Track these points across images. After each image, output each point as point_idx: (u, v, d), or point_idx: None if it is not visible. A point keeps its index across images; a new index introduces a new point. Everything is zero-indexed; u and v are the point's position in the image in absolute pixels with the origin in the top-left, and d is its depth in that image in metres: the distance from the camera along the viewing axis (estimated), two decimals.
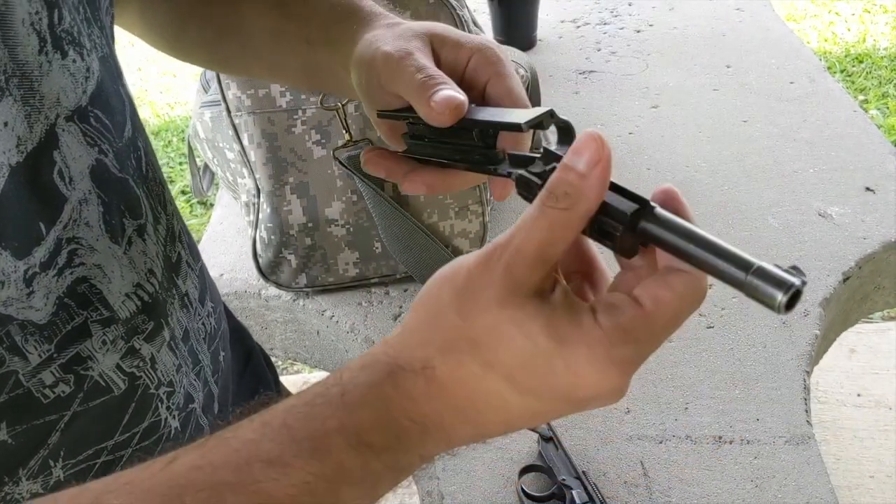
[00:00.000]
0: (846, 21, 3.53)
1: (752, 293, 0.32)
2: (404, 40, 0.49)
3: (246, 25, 0.61)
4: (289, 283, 1.09)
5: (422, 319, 0.38)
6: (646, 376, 0.93)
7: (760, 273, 0.31)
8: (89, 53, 0.48)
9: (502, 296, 0.35)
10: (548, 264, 0.35)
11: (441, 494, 0.84)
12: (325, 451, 0.35)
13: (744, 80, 1.47)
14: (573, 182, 0.34)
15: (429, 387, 0.36)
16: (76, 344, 0.46)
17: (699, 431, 0.86)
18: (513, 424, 0.37)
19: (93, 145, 0.47)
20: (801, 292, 0.31)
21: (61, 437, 0.47)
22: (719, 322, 0.99)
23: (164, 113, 3.48)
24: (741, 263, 0.32)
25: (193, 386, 0.59)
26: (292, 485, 0.34)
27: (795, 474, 0.81)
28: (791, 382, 0.91)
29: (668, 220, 0.35)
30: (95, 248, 0.47)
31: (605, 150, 0.35)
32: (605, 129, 1.37)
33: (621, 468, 0.84)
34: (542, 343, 0.34)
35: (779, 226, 1.12)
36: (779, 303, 0.31)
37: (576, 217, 0.35)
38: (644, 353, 0.35)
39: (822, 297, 1.00)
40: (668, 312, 0.34)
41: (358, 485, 0.36)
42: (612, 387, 0.34)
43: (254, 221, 1.08)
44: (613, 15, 1.73)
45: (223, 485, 0.34)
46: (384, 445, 0.36)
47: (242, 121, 1.01)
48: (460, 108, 0.45)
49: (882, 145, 1.26)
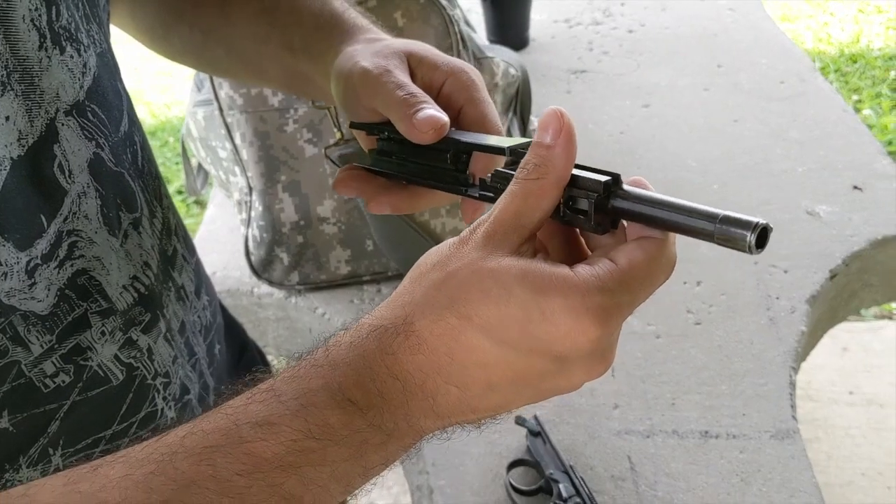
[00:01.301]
0: (840, 21, 3.54)
1: (724, 241, 0.34)
2: (382, 57, 0.50)
3: (232, 30, 0.62)
4: (281, 280, 1.10)
5: (405, 285, 0.39)
6: (634, 372, 0.94)
7: (727, 220, 0.34)
8: (86, 49, 0.49)
9: (480, 255, 0.37)
10: (525, 230, 0.37)
11: (430, 488, 0.85)
12: (309, 409, 0.36)
13: (735, 80, 1.48)
14: (542, 153, 0.38)
15: (408, 340, 0.36)
16: (76, 335, 0.47)
17: (686, 426, 0.87)
18: (497, 389, 0.37)
19: (90, 139, 0.48)
20: (768, 230, 0.33)
21: (61, 425, 0.48)
22: (707, 319, 1.00)
23: (160, 113, 3.48)
24: (708, 216, 0.35)
25: (189, 377, 0.59)
26: (280, 443, 0.35)
27: (780, 468, 0.82)
28: (777, 378, 0.92)
29: (637, 192, 0.37)
30: (94, 240, 0.48)
31: (565, 120, 0.38)
32: (597, 128, 1.38)
33: (608, 462, 0.85)
34: (518, 292, 0.35)
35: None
36: (749, 242, 0.33)
37: (548, 185, 0.37)
38: (620, 305, 0.35)
39: (810, 294, 1.01)
40: (641, 271, 0.36)
41: (344, 444, 0.36)
42: (589, 337, 0.35)
43: (246, 219, 1.08)
44: (606, 15, 1.74)
45: (213, 448, 0.35)
46: (368, 403, 0.36)
47: (235, 119, 1.02)
48: (443, 128, 0.46)
49: (870, 144, 1.27)
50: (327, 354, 0.37)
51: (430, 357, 0.36)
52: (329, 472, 0.36)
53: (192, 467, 0.34)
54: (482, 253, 0.37)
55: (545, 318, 0.35)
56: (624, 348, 0.97)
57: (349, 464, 0.37)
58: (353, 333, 0.38)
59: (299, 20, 0.57)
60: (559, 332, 0.35)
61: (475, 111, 0.49)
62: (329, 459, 0.36)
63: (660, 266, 0.37)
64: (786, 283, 1.03)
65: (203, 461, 0.34)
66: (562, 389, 0.38)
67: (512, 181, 0.38)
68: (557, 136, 0.37)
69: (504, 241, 0.37)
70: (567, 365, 0.36)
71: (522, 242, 0.38)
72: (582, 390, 0.92)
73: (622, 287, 0.35)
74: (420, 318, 0.37)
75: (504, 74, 1.11)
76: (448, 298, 0.36)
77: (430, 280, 0.37)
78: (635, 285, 0.36)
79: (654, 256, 0.36)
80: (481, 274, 0.36)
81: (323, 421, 0.36)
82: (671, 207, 0.36)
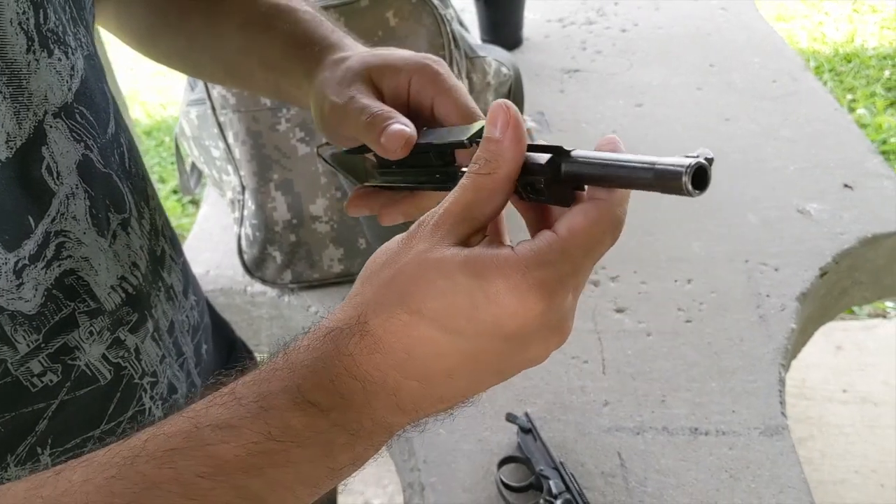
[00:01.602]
0: (835, 21, 3.55)
1: (664, 188, 0.34)
2: (346, 85, 0.51)
3: (216, 41, 0.63)
4: (274, 279, 1.10)
5: (357, 285, 0.39)
6: (624, 369, 0.94)
7: (662, 167, 0.33)
8: (74, 52, 0.49)
9: (427, 248, 0.37)
10: (476, 222, 0.38)
11: (422, 485, 0.85)
12: (270, 411, 0.36)
13: (727, 79, 1.48)
14: (492, 148, 0.38)
15: (364, 341, 0.37)
16: (64, 334, 0.48)
17: (676, 423, 0.88)
18: (457, 376, 0.37)
19: (79, 141, 0.48)
20: (704, 168, 0.33)
21: (49, 424, 0.48)
22: (697, 316, 1.00)
23: (156, 113, 3.48)
24: (646, 165, 0.34)
25: (177, 377, 0.60)
26: (241, 446, 0.35)
27: (769, 465, 0.83)
28: (767, 375, 0.92)
29: (584, 156, 0.37)
30: (83, 241, 0.48)
31: (511, 113, 0.38)
32: (590, 127, 1.38)
33: (599, 459, 0.85)
34: (461, 280, 0.35)
35: (758, 222, 1.14)
36: (684, 184, 0.32)
37: (499, 179, 0.38)
38: (563, 276, 0.35)
39: (800, 292, 1.02)
40: (580, 236, 0.36)
41: (308, 446, 0.36)
42: (535, 312, 0.35)
43: (239, 218, 1.09)
44: (599, 14, 1.74)
45: (174, 451, 0.35)
46: (330, 404, 0.36)
47: (227, 118, 1.02)
48: (410, 139, 0.47)
49: (861, 143, 1.28)
50: (286, 358, 0.38)
51: (387, 355, 0.37)
52: (293, 473, 0.36)
53: (154, 470, 0.34)
54: (428, 245, 0.37)
55: (490, 302, 0.35)
56: (615, 346, 0.97)
57: (314, 465, 0.37)
58: (310, 337, 0.38)
59: (274, 41, 0.58)
60: (506, 313, 0.35)
61: (446, 102, 0.50)
62: (293, 461, 0.36)
63: (603, 228, 0.36)
64: (776, 280, 1.04)
65: (165, 464, 0.34)
66: (524, 366, 0.39)
67: (464, 175, 0.39)
68: (505, 130, 0.38)
69: (451, 232, 0.37)
70: (522, 342, 0.37)
71: (472, 234, 0.38)
72: (573, 387, 0.93)
73: (563, 257, 0.35)
74: (373, 317, 0.37)
75: (496, 74, 1.12)
76: (398, 295, 0.36)
77: (381, 278, 0.38)
78: (577, 253, 0.36)
79: (595, 219, 0.36)
80: (426, 266, 0.36)
81: (284, 423, 0.36)
82: (613, 164, 0.36)
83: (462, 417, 0.91)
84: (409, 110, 0.52)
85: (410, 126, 0.48)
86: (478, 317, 0.35)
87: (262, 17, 0.59)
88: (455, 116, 0.49)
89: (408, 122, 0.48)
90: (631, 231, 1.14)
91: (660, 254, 1.10)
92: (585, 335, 0.99)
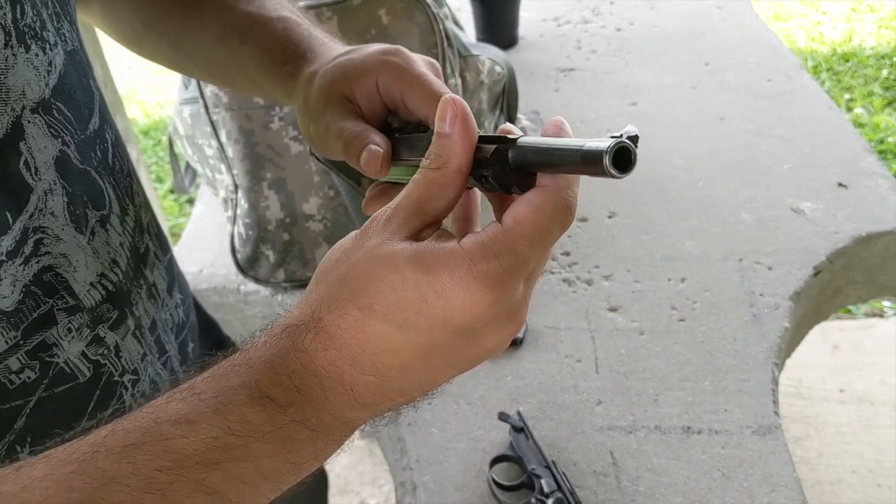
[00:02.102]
0: (833, 20, 3.55)
1: (591, 170, 0.33)
2: (321, 110, 0.52)
3: (196, 50, 0.63)
4: (267, 278, 1.10)
5: (313, 283, 0.40)
6: (617, 368, 0.94)
7: (587, 149, 0.33)
8: (53, 48, 0.49)
9: (378, 243, 0.37)
10: (428, 216, 0.38)
11: (414, 484, 0.85)
12: (229, 406, 0.36)
13: (722, 78, 1.48)
14: (441, 143, 0.38)
15: (318, 337, 0.37)
16: (42, 331, 0.47)
17: (668, 422, 0.88)
18: (412, 370, 0.37)
19: (56, 136, 0.48)
20: (627, 148, 0.32)
21: (27, 422, 0.48)
22: (690, 315, 1.00)
23: (153, 112, 3.48)
24: (574, 148, 0.34)
25: (159, 375, 0.60)
26: (200, 440, 0.35)
27: (762, 463, 0.83)
28: (760, 374, 0.92)
29: (526, 143, 0.37)
30: (61, 237, 0.48)
31: (459, 106, 0.39)
32: (585, 126, 1.38)
33: (591, 458, 0.85)
34: (410, 275, 0.35)
35: (752, 221, 1.14)
36: (606, 166, 0.32)
37: (449, 173, 0.38)
38: (510, 267, 0.35)
39: (793, 291, 1.02)
40: (525, 226, 0.35)
41: (268, 441, 0.36)
42: (484, 305, 0.35)
43: (232, 217, 1.09)
44: (594, 13, 1.74)
45: (134, 445, 0.35)
46: (287, 399, 0.36)
47: (220, 117, 1.02)
48: (386, 160, 0.48)
49: (855, 142, 1.28)
50: (244, 354, 0.38)
51: (342, 351, 0.37)
52: (254, 468, 0.36)
53: (113, 465, 0.34)
54: (379, 240, 0.37)
55: (439, 296, 0.35)
56: (607, 344, 0.97)
57: (275, 459, 0.37)
58: (268, 334, 0.39)
59: (252, 54, 0.58)
60: (454, 307, 0.35)
61: (414, 95, 0.50)
62: (252, 455, 0.36)
63: (548, 215, 0.36)
64: (770, 279, 1.03)
65: (124, 459, 0.34)
66: (481, 357, 0.39)
67: (417, 171, 0.39)
68: (454, 124, 0.38)
69: (402, 227, 0.38)
70: (474, 334, 0.37)
71: (423, 228, 0.38)
72: (565, 386, 0.92)
73: (507, 248, 0.35)
74: (327, 313, 0.37)
75: (490, 72, 1.11)
76: (350, 291, 0.37)
77: (335, 276, 0.38)
78: (523, 243, 0.35)
79: (539, 207, 0.36)
80: (377, 262, 0.36)
81: (242, 418, 0.36)
82: (548, 148, 0.36)
83: (454, 416, 0.91)
84: (385, 108, 0.52)
85: (383, 144, 0.49)
86: (427, 311, 0.35)
87: (238, 29, 0.59)
88: (424, 106, 0.49)
89: (380, 140, 0.49)
90: (624, 230, 1.14)
91: (653, 252, 1.10)
92: (578, 334, 0.99)
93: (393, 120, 0.54)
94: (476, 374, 0.95)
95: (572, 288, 1.05)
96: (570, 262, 1.09)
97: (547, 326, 1.00)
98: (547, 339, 0.99)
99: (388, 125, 0.53)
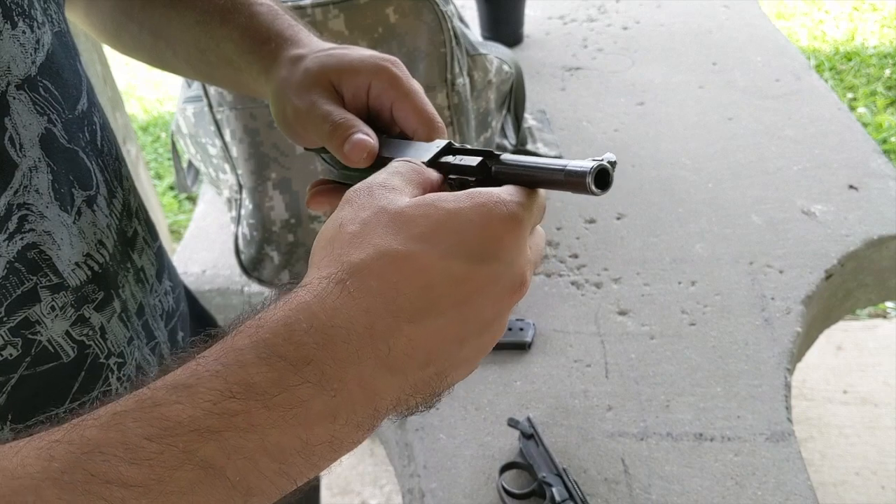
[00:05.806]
0: (835, 19, 3.54)
1: (573, 187, 0.38)
2: (306, 88, 0.52)
3: (176, 35, 0.63)
4: (271, 279, 1.08)
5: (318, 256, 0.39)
6: (627, 373, 0.93)
7: (571, 169, 0.38)
8: (41, 26, 0.49)
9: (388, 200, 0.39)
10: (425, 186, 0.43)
11: (422, 492, 0.84)
12: (230, 367, 0.33)
13: (729, 78, 1.47)
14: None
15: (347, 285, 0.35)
16: (25, 308, 0.47)
17: (680, 429, 0.86)
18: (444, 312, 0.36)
19: (42, 114, 0.48)
20: (606, 170, 0.37)
21: (8, 400, 0.47)
22: (701, 319, 0.99)
23: (152, 108, 3.46)
24: (558, 167, 0.38)
25: (147, 360, 0.59)
26: (196, 405, 0.32)
27: (775, 471, 0.81)
28: (772, 380, 0.91)
29: (510, 159, 0.42)
30: (45, 215, 0.48)
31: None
32: (591, 126, 1.37)
33: (602, 465, 0.84)
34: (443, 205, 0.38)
35: (762, 223, 1.12)
36: (588, 184, 0.37)
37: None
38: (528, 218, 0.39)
39: (805, 295, 1.00)
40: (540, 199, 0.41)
41: (275, 408, 0.32)
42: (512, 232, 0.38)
43: (236, 217, 1.07)
44: (601, 12, 1.73)
45: (123, 412, 0.32)
46: (302, 357, 0.33)
47: (224, 116, 1.00)
48: (373, 151, 0.49)
49: (866, 143, 1.26)
50: (255, 319, 0.35)
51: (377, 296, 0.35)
52: (257, 440, 0.32)
53: (100, 433, 0.31)
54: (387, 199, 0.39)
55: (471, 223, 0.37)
56: (617, 349, 0.96)
57: (283, 433, 0.32)
58: (283, 298, 0.36)
59: (231, 35, 0.58)
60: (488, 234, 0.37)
61: (404, 106, 0.51)
62: (256, 424, 0.32)
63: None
64: (781, 283, 1.02)
65: (112, 427, 0.31)
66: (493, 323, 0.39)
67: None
68: None
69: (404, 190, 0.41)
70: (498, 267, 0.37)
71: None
72: (575, 391, 0.91)
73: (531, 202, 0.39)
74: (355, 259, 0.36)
75: (498, 71, 1.10)
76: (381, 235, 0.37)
77: (343, 238, 0.38)
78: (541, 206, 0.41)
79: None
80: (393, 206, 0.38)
81: (244, 379, 0.32)
82: (532, 167, 0.40)
83: (462, 422, 0.89)
84: (368, 112, 0.53)
85: (373, 136, 0.49)
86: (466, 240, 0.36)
87: (219, 10, 0.59)
88: (413, 120, 0.51)
89: (370, 132, 0.49)
90: (633, 231, 1.13)
91: (663, 255, 1.09)
92: (588, 338, 0.98)
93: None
94: (484, 379, 0.94)
95: (581, 291, 1.04)
96: (579, 265, 1.07)
97: (555, 330, 0.99)
98: (556, 343, 0.98)
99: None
